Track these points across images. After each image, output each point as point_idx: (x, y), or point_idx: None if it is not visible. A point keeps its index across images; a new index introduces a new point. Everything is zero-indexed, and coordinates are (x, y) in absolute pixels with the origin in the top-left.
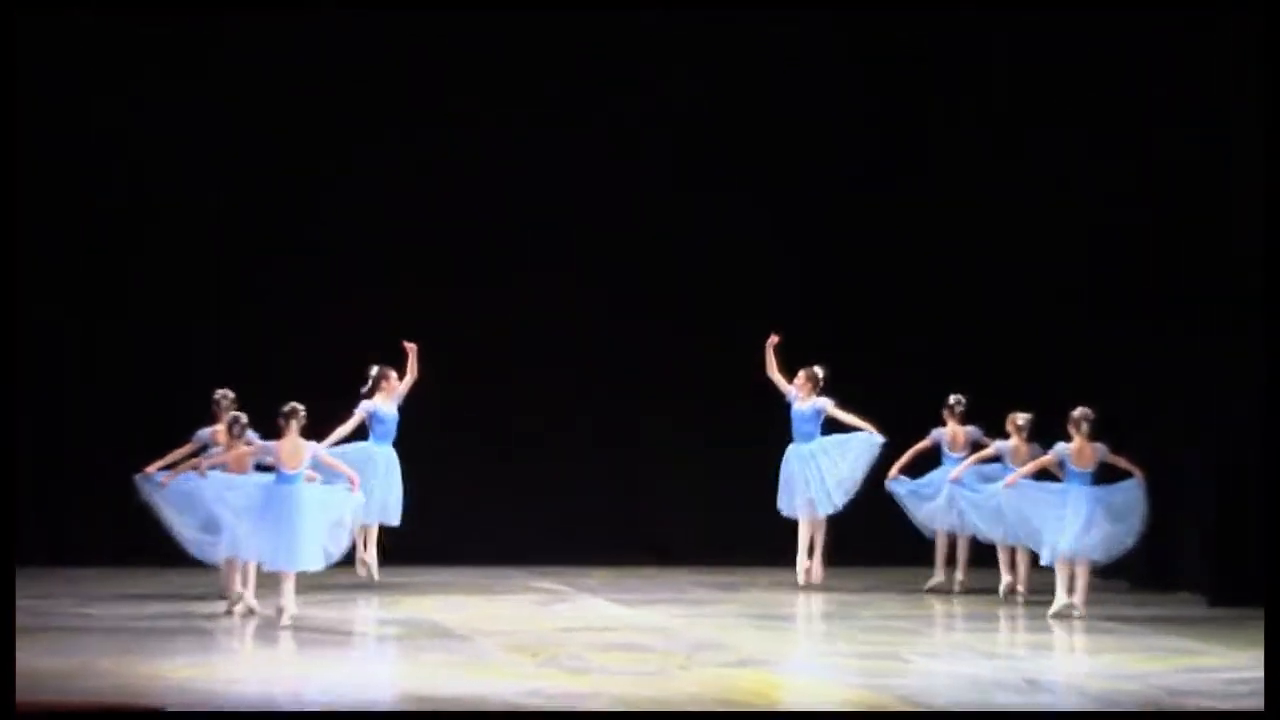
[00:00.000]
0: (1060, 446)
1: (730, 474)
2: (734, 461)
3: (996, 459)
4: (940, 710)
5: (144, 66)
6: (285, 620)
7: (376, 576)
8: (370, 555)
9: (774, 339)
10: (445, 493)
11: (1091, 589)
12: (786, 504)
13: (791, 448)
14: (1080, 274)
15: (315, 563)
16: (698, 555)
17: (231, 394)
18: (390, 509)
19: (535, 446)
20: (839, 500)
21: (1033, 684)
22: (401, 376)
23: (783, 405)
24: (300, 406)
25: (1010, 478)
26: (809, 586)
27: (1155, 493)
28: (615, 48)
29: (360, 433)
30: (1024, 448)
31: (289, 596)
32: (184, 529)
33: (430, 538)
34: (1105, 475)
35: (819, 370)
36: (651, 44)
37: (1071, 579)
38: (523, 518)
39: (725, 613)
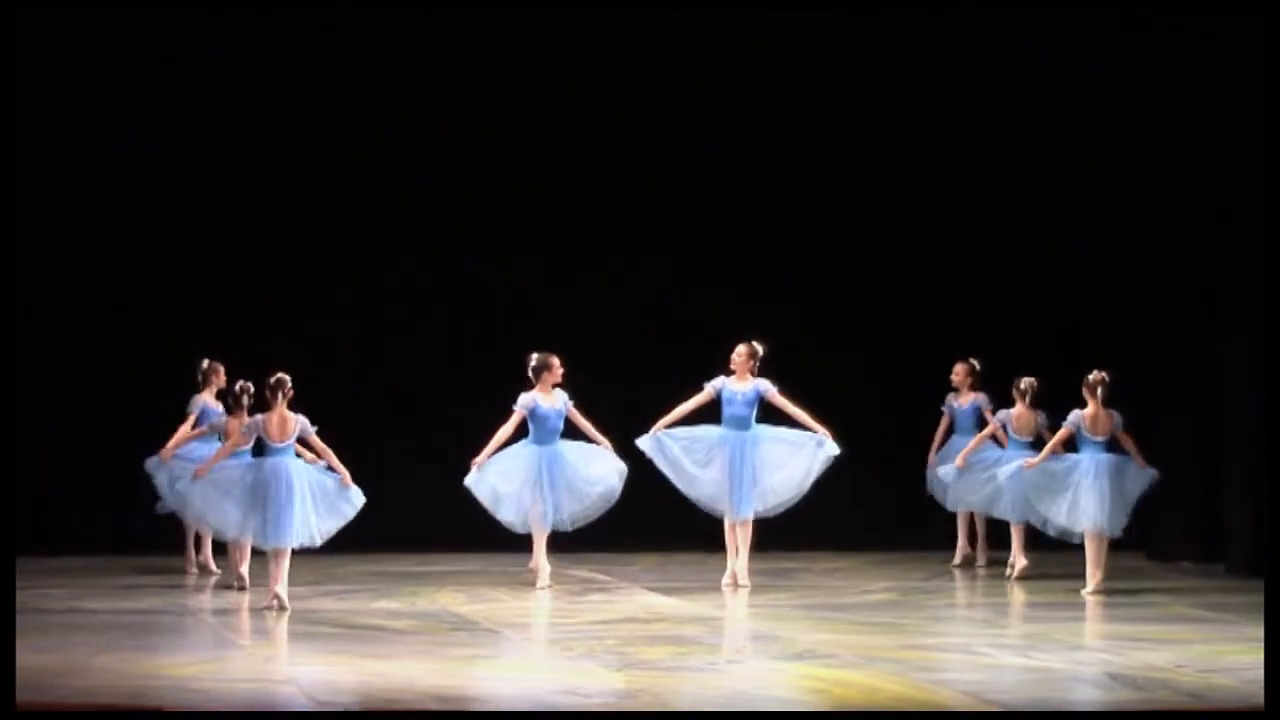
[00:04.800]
0: (1074, 415)
1: None
2: None
3: (1001, 429)
4: (1010, 709)
5: (130, 56)
6: (279, 605)
7: (545, 583)
8: (541, 562)
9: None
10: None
11: (1186, 573)
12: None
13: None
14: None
15: (304, 540)
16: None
17: (252, 388)
18: (560, 516)
19: (570, 424)
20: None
21: (1117, 679)
22: None
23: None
24: (287, 377)
25: (1026, 464)
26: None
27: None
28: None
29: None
30: (1027, 414)
31: (282, 580)
32: (177, 498)
33: (454, 523)
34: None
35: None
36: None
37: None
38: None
39: (778, 602)
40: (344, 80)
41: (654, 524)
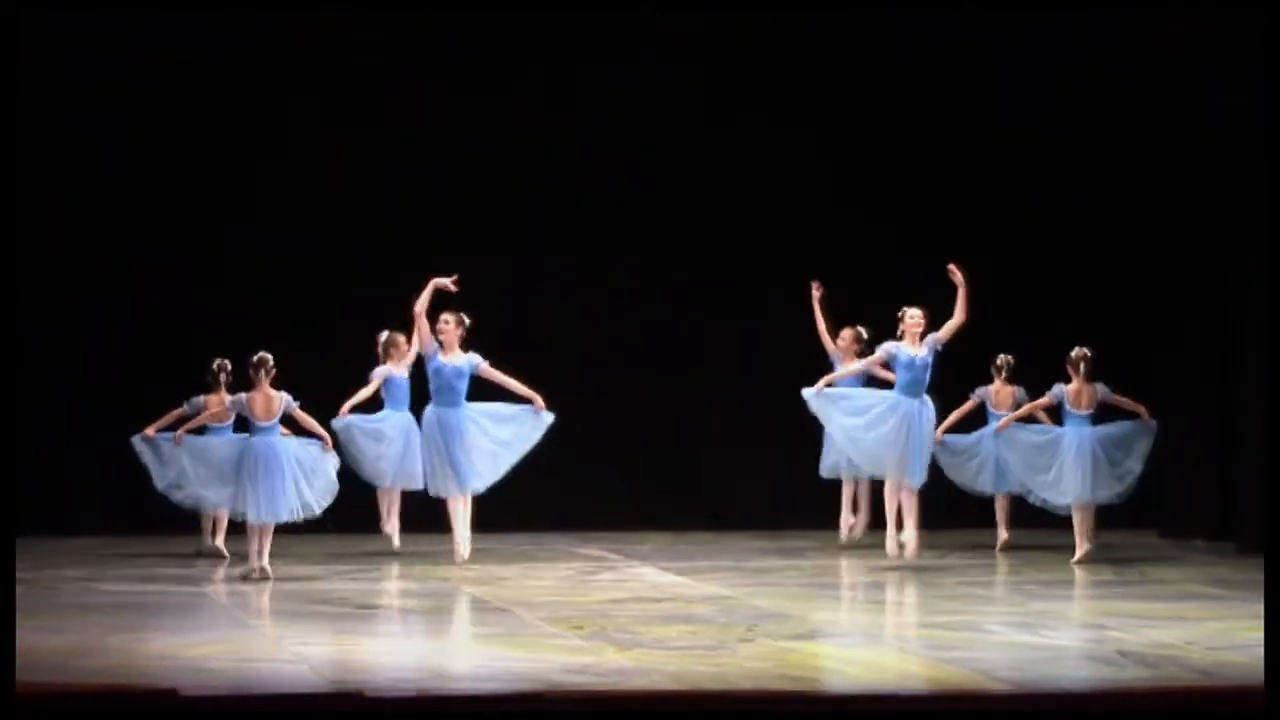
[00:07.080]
0: (1058, 388)
1: (792, 432)
2: (795, 420)
3: (978, 408)
4: (1019, 686)
5: (136, 46)
6: (261, 576)
7: (398, 544)
8: (393, 524)
9: (818, 292)
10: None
11: (1198, 551)
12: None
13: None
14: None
15: (291, 515)
16: (758, 519)
17: (229, 365)
18: (413, 474)
19: (580, 404)
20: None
21: (1127, 656)
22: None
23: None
24: (269, 356)
25: (1000, 422)
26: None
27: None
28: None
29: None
30: (1005, 389)
31: (265, 552)
32: (168, 486)
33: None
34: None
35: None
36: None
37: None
38: (567, 481)
39: (788, 581)
40: (344, 80)
41: (664, 503)
